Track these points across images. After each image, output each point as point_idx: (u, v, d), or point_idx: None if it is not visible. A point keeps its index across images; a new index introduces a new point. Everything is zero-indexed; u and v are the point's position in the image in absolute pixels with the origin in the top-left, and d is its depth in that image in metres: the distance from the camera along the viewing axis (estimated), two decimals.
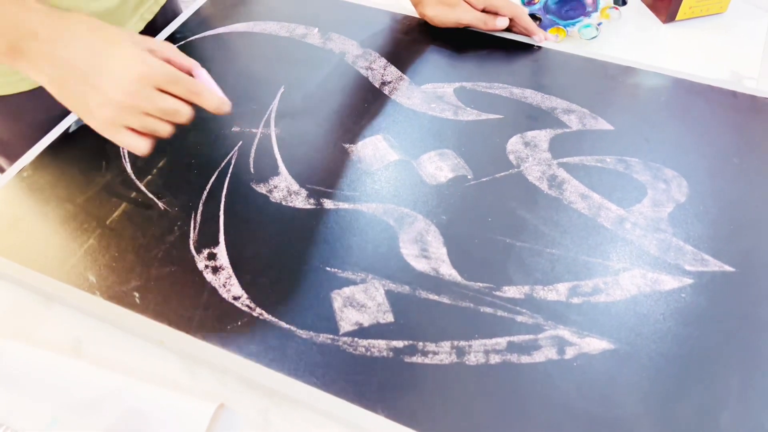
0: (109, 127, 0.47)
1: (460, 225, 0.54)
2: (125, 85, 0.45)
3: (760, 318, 0.47)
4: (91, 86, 0.45)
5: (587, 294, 0.49)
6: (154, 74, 0.46)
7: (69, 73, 0.46)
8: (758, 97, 0.64)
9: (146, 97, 0.46)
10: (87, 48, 0.46)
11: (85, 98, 0.46)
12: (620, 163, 0.58)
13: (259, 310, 0.49)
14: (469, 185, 0.57)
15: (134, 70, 0.45)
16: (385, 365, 0.45)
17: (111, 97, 0.45)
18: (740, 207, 0.54)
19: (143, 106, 0.46)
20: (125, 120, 0.47)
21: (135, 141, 0.48)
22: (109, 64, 0.45)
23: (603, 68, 0.68)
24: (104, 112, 0.46)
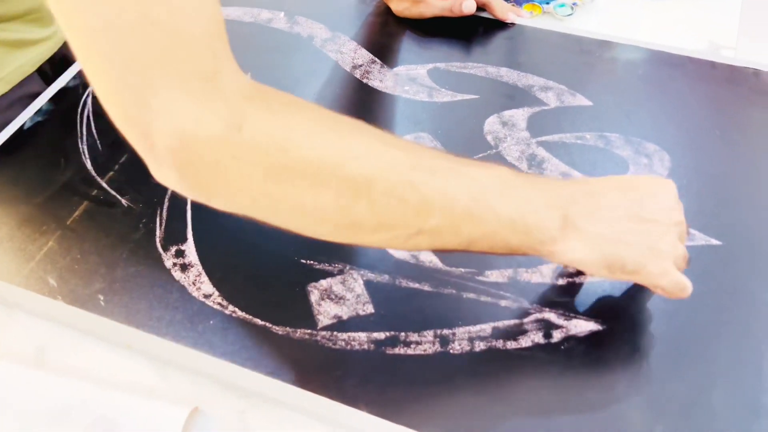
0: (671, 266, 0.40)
1: None
2: (674, 199, 0.41)
3: (748, 291, 0.46)
4: (647, 221, 0.40)
5: (572, 274, 0.47)
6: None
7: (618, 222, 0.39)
8: (737, 67, 0.63)
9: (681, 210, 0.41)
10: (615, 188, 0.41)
11: (645, 238, 0.39)
12: (600, 139, 0.57)
13: (231, 308, 0.46)
14: None
15: (668, 183, 0.42)
16: (366, 358, 0.43)
17: (669, 220, 0.40)
18: (723, 179, 0.53)
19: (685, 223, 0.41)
20: (677, 247, 0.40)
21: (687, 279, 0.40)
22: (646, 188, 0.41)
23: (579, 43, 0.66)
24: (667, 243, 0.40)
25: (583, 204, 0.39)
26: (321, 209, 0.34)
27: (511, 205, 0.37)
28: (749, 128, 0.57)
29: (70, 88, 0.63)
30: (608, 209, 0.39)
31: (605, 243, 0.39)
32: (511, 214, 0.37)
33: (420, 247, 0.38)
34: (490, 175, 0.37)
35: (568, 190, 0.40)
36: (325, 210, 0.34)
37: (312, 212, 0.35)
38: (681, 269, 0.41)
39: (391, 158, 0.35)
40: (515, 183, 0.38)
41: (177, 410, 0.42)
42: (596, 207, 0.39)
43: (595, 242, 0.39)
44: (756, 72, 0.62)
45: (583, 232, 0.38)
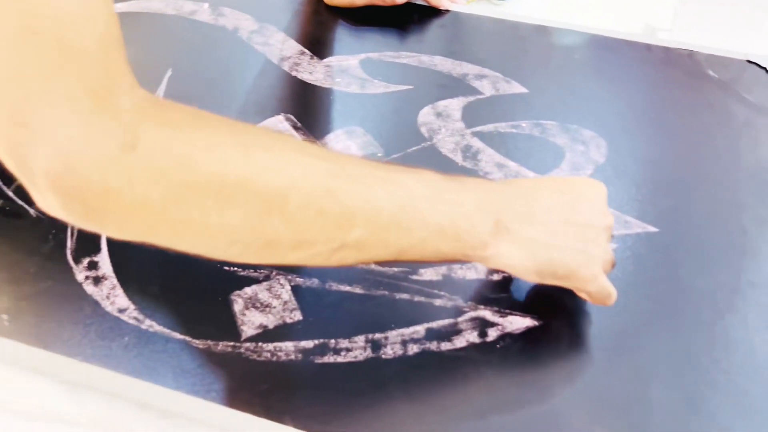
0: (600, 270, 0.39)
1: None
2: (604, 203, 0.40)
3: (686, 278, 0.45)
4: (580, 224, 0.38)
5: None
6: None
7: (552, 226, 0.38)
8: (671, 49, 0.62)
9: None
10: (549, 190, 0.39)
11: (577, 243, 0.38)
12: (536, 127, 0.55)
13: (148, 322, 0.43)
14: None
15: (600, 185, 0.41)
16: (293, 370, 0.41)
17: (600, 224, 0.39)
18: (660, 164, 0.52)
19: (613, 224, 0.40)
20: (607, 251, 0.40)
21: (612, 286, 0.40)
22: (579, 191, 0.40)
23: (514, 29, 0.64)
24: (598, 247, 0.39)
25: (517, 207, 0.38)
26: (230, 230, 0.31)
27: (440, 210, 0.35)
28: (684, 111, 0.56)
29: None
30: (542, 212, 0.38)
31: (538, 248, 0.37)
32: (441, 220, 0.35)
33: (346, 262, 0.35)
34: (417, 180, 0.35)
35: (501, 193, 0.38)
36: (235, 230, 0.31)
37: (220, 234, 0.31)
38: (607, 273, 0.40)
39: (306, 168, 0.32)
40: (444, 187, 0.36)
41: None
42: (530, 210, 0.38)
43: (528, 247, 0.37)
44: (690, 53, 0.61)
45: (517, 236, 0.37)
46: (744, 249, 0.47)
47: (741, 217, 0.49)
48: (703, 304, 0.44)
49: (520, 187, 0.40)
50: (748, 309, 0.43)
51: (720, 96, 0.57)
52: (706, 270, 0.45)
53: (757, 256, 0.46)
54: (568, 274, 0.38)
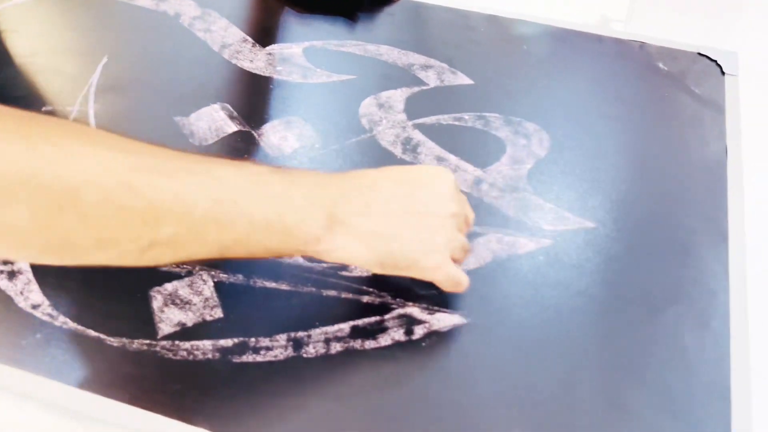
0: (446, 259, 0.38)
1: None
2: (451, 190, 0.39)
3: (620, 276, 0.44)
4: (421, 214, 0.37)
5: None
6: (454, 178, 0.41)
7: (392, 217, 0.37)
8: (623, 40, 0.61)
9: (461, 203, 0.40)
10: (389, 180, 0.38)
11: (418, 233, 0.37)
12: (479, 119, 0.54)
13: (62, 319, 0.41)
14: (316, 155, 0.51)
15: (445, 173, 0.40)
16: (210, 369, 0.39)
17: (444, 212, 0.38)
18: (604, 158, 0.51)
19: (462, 213, 0.40)
20: (454, 239, 0.39)
21: (462, 274, 0.40)
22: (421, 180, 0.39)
23: (465, 19, 0.63)
24: (442, 236, 0.38)
25: (353, 200, 0.36)
26: (18, 230, 0.28)
27: (265, 205, 0.33)
28: (633, 104, 0.55)
29: None
30: (381, 204, 0.37)
31: (376, 240, 0.36)
32: (267, 215, 0.33)
33: (162, 261, 0.33)
34: (238, 174, 0.33)
35: (336, 187, 0.37)
36: (24, 231, 0.28)
37: (8, 235, 0.29)
38: (461, 260, 0.41)
39: (103, 161, 0.29)
40: (271, 180, 0.34)
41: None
42: (367, 202, 0.37)
43: (365, 239, 0.36)
44: (642, 45, 0.60)
45: (353, 229, 0.36)
46: (684, 246, 0.46)
47: (684, 213, 0.48)
48: (636, 302, 0.43)
49: (358, 178, 0.38)
50: (682, 307, 0.42)
51: (669, 89, 0.56)
52: (642, 267, 0.44)
53: (697, 253, 0.45)
54: (410, 264, 0.38)
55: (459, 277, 0.40)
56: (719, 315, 0.42)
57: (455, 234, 0.39)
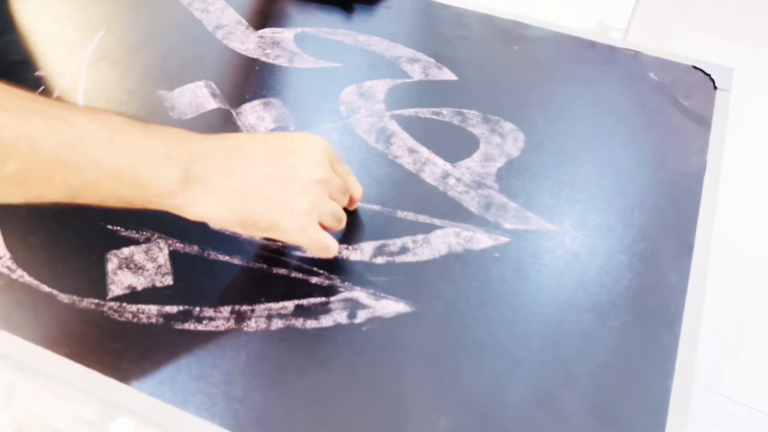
0: (310, 224, 0.39)
1: None
2: (321, 158, 0.40)
3: (573, 279, 0.43)
4: (285, 178, 0.39)
5: (393, 253, 0.45)
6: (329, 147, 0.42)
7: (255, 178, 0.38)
8: (617, 48, 0.60)
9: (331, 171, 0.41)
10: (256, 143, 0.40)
11: (281, 196, 0.38)
12: (457, 115, 0.54)
13: (20, 272, 0.43)
14: None
15: (317, 141, 0.41)
16: (151, 333, 0.40)
17: (309, 178, 0.39)
18: (577, 162, 0.50)
19: (333, 181, 0.41)
20: (321, 205, 0.40)
21: (330, 239, 0.41)
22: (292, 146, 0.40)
23: (459, 16, 0.63)
24: (305, 201, 0.39)
25: (214, 158, 0.37)
26: None
27: (117, 153, 0.34)
28: (616, 112, 0.54)
29: None
30: (245, 164, 0.38)
31: (235, 199, 0.37)
32: (118, 163, 0.34)
33: (13, 199, 0.33)
34: (93, 120, 0.34)
35: (198, 144, 0.37)
36: None
37: None
38: (334, 228, 0.42)
39: None
40: (126, 130, 0.35)
41: None
42: (230, 162, 0.38)
43: (223, 198, 0.37)
44: (636, 54, 0.59)
45: (210, 186, 0.37)
46: (645, 256, 0.45)
47: (651, 223, 0.47)
48: (584, 308, 0.42)
49: (225, 139, 0.39)
50: (632, 317, 0.42)
51: (656, 99, 0.55)
52: (597, 273, 0.44)
53: (657, 264, 0.44)
54: (270, 226, 0.38)
55: (326, 241, 0.40)
56: (671, 330, 0.41)
57: (323, 200, 0.40)
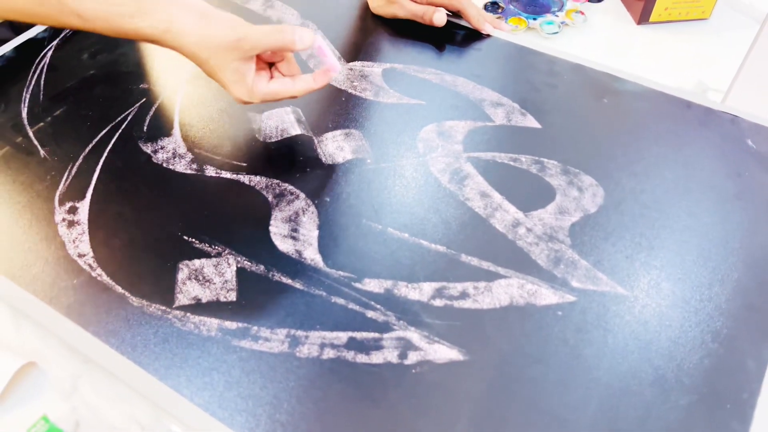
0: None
1: (341, 209, 0.49)
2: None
3: (638, 350, 0.41)
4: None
5: (453, 297, 0.44)
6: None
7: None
8: (714, 110, 0.57)
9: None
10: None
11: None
12: (536, 164, 0.53)
13: (99, 271, 0.46)
14: (366, 169, 0.53)
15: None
16: (209, 345, 0.42)
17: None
18: (655, 226, 0.48)
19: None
20: None
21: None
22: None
23: (550, 64, 0.62)
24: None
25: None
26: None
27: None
28: (705, 176, 0.51)
29: (37, 39, 0.65)
30: None
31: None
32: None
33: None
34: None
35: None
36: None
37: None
38: None
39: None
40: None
41: (10, 361, 0.41)
42: None
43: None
44: (734, 118, 0.56)
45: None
46: (719, 335, 0.42)
47: (730, 299, 0.44)
48: (647, 381, 0.40)
49: None
50: (699, 400, 0.39)
51: (751, 168, 0.52)
52: (665, 346, 0.41)
53: (732, 345, 0.41)
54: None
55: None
56: (741, 418, 0.38)
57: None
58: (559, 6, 0.70)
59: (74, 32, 0.66)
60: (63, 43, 0.65)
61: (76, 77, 0.61)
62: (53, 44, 0.64)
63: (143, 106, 0.58)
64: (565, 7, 0.70)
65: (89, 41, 0.65)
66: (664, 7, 0.68)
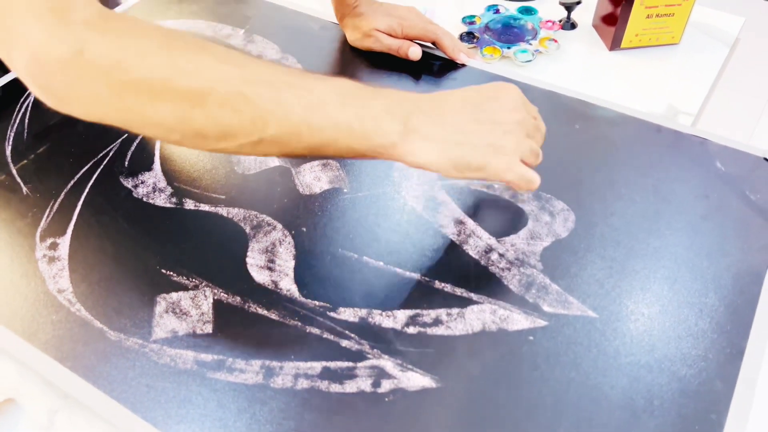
0: (514, 161, 0.43)
1: (318, 238, 0.50)
2: (516, 101, 0.45)
3: (607, 373, 0.42)
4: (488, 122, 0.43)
5: (426, 324, 0.45)
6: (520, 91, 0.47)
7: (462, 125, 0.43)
8: (683, 134, 0.58)
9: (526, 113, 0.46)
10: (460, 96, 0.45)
11: (488, 138, 0.43)
12: (508, 189, 0.54)
13: (78, 306, 0.46)
14: (342, 198, 0.54)
15: (509, 86, 0.46)
16: (185, 378, 0.42)
17: (510, 119, 0.44)
18: (626, 248, 0.49)
19: (529, 121, 0.45)
20: (522, 143, 0.44)
21: (533, 173, 0.44)
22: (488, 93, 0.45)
23: (523, 91, 0.63)
24: (509, 140, 0.43)
25: (427, 111, 0.42)
26: (163, 120, 0.37)
27: (349, 112, 0.39)
28: (676, 199, 0.52)
29: None
30: (452, 114, 0.43)
31: (448, 145, 0.42)
32: (350, 120, 0.39)
33: (270, 152, 0.40)
34: (327, 86, 0.40)
35: (412, 102, 0.42)
36: (167, 120, 0.37)
37: (158, 123, 0.37)
38: (533, 163, 0.45)
39: (224, 73, 0.37)
40: (355, 93, 0.41)
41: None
42: (440, 113, 0.42)
43: (438, 144, 0.41)
44: (703, 141, 0.57)
45: (427, 135, 0.41)
46: (688, 358, 0.42)
47: (700, 321, 0.44)
48: (616, 404, 0.40)
49: (433, 95, 0.44)
50: (668, 423, 0.39)
51: (720, 190, 0.53)
52: (634, 370, 0.42)
53: (701, 366, 0.42)
54: (482, 165, 0.42)
55: (530, 176, 0.44)
56: None
57: (523, 139, 0.44)
58: (533, 35, 0.72)
59: None
60: None
61: (60, 114, 0.62)
62: None
63: (125, 141, 0.59)
64: (538, 35, 0.72)
65: None
66: (635, 33, 0.70)
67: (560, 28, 0.74)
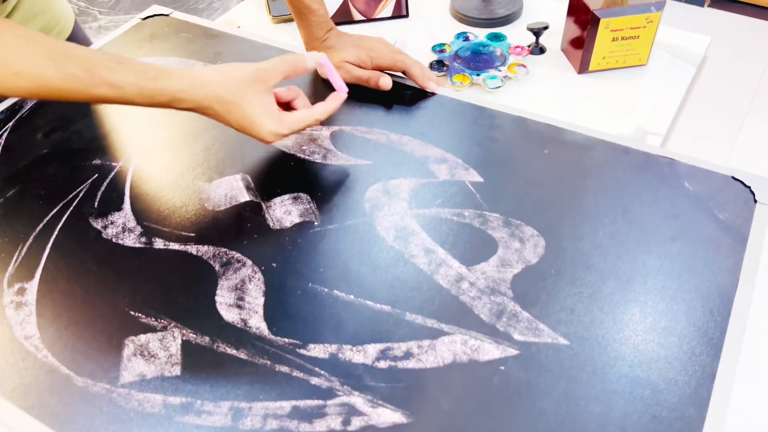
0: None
1: (288, 274, 0.50)
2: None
3: (579, 402, 0.41)
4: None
5: (397, 358, 0.44)
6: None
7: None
8: (651, 155, 0.59)
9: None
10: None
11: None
12: (478, 217, 0.54)
13: (45, 352, 0.46)
14: (313, 232, 0.54)
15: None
16: (153, 423, 0.42)
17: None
18: (597, 273, 0.49)
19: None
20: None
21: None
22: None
23: (491, 118, 0.64)
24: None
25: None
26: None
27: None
28: (644, 221, 0.53)
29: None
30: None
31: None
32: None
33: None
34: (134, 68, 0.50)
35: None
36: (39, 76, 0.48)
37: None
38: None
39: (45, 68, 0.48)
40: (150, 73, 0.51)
41: None
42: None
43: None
44: (671, 162, 0.58)
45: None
46: (658, 385, 0.42)
47: (672, 344, 0.44)
48: (580, 429, 0.40)
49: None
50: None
51: (689, 210, 0.53)
52: (605, 397, 0.42)
53: (672, 392, 0.42)
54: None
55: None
56: None
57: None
58: (502, 61, 0.73)
59: (30, 112, 0.67)
60: (18, 123, 0.66)
61: (30, 157, 0.62)
62: (8, 126, 0.66)
63: (95, 182, 0.59)
64: (507, 61, 0.73)
65: (44, 120, 0.66)
66: (602, 56, 0.70)
67: (529, 53, 0.75)
